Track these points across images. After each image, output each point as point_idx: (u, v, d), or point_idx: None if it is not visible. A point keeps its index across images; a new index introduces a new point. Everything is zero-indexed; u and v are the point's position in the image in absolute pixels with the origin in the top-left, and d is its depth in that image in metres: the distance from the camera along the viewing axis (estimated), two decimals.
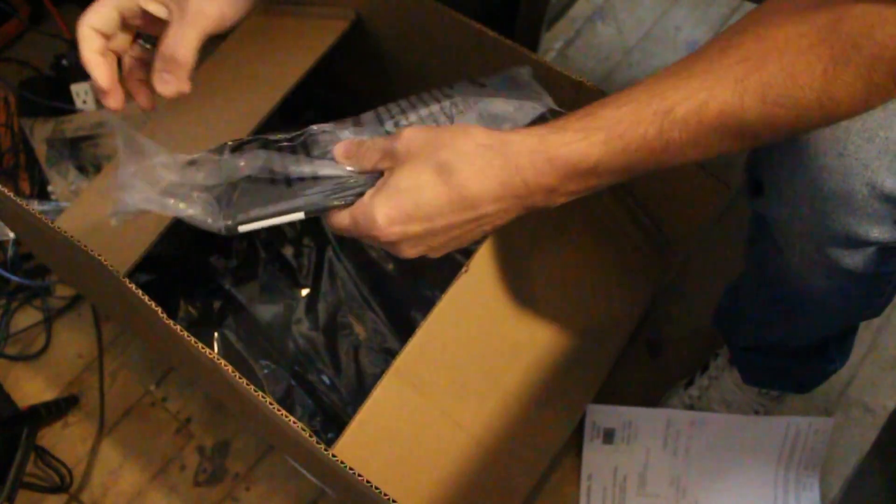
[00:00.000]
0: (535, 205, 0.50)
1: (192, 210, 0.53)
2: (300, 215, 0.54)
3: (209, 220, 0.53)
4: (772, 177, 0.59)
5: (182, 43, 0.57)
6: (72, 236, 0.63)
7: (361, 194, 0.53)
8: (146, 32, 0.61)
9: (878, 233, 0.55)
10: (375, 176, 0.53)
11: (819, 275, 0.62)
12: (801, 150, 0.53)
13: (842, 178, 0.53)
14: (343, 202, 0.53)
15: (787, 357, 0.83)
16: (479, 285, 0.74)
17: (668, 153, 0.45)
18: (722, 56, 0.44)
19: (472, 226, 0.50)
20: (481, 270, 0.75)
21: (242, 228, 0.54)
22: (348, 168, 0.53)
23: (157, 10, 0.58)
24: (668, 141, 0.45)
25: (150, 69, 0.60)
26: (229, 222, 0.53)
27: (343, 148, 0.54)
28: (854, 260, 0.58)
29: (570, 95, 0.74)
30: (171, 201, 0.53)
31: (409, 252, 0.51)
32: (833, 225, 0.56)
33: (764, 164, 0.59)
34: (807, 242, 0.60)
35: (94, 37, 0.57)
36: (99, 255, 0.62)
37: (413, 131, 0.50)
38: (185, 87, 0.60)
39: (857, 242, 0.56)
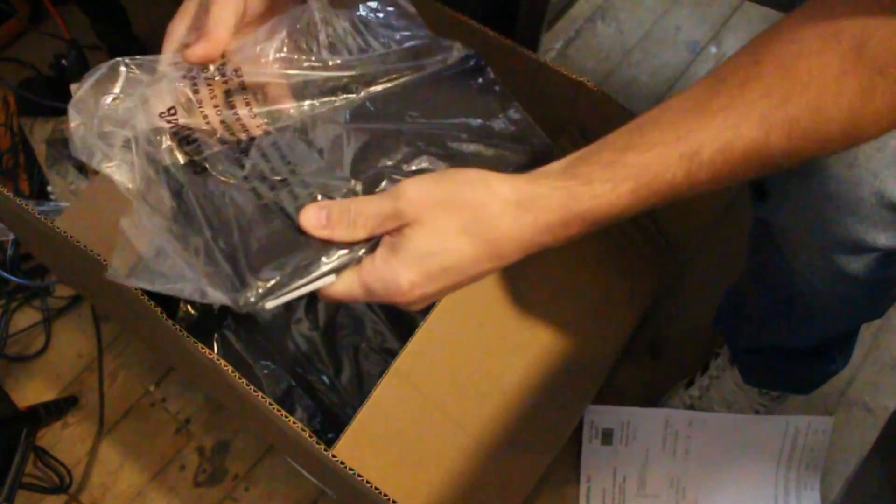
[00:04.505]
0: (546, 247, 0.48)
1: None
2: (332, 278, 0.45)
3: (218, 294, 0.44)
4: (777, 183, 0.58)
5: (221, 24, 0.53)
6: (71, 236, 0.63)
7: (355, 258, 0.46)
8: None
9: (884, 239, 0.55)
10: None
11: (823, 279, 0.62)
12: None
13: (851, 187, 0.53)
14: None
15: (788, 358, 0.83)
16: (479, 285, 0.74)
17: (691, 191, 0.44)
18: (743, 90, 0.42)
19: (489, 272, 0.48)
20: None
21: (269, 305, 0.44)
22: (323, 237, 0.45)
23: None
24: (694, 182, 0.44)
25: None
26: (250, 297, 0.43)
27: (314, 216, 0.46)
28: (858, 265, 0.58)
29: (570, 95, 0.74)
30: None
31: (420, 306, 0.48)
32: (840, 232, 0.55)
33: None
34: (812, 248, 0.60)
35: None
36: (99, 255, 0.62)
37: (418, 188, 0.45)
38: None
39: (863, 249, 0.56)
